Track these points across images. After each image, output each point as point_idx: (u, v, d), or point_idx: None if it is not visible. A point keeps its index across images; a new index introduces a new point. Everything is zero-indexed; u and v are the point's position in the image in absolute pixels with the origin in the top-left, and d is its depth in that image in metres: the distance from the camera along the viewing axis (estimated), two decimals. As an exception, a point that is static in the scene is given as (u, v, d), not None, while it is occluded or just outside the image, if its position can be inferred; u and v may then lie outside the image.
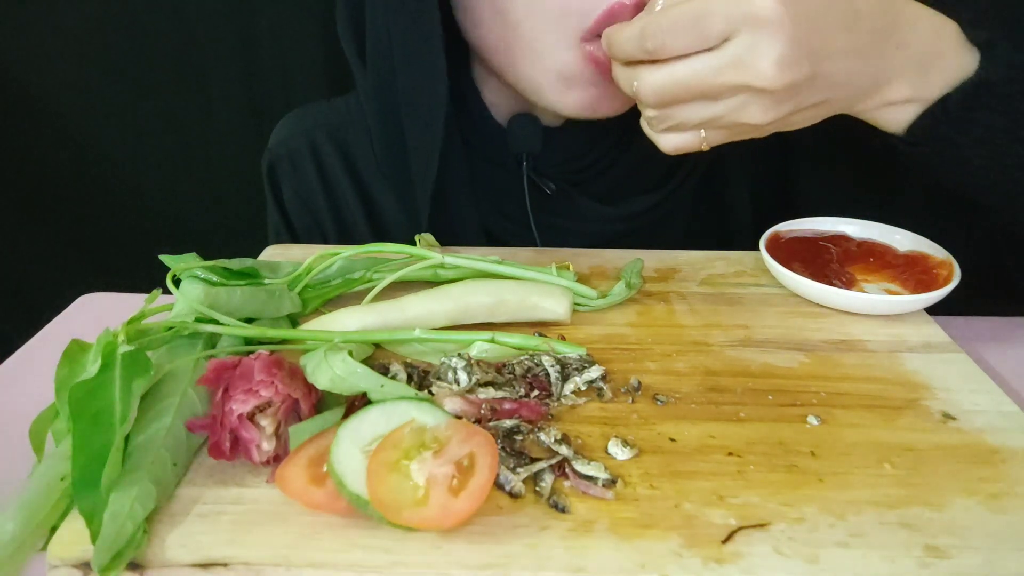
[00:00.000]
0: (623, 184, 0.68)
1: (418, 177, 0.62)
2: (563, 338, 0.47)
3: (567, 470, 0.36)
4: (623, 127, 0.60)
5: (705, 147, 0.46)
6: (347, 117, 0.71)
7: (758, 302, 0.53)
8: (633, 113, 0.48)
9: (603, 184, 0.67)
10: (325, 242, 0.71)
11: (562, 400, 0.41)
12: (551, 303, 0.48)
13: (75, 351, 0.38)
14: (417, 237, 0.55)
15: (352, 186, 0.70)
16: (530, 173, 0.64)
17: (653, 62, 0.43)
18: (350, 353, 0.40)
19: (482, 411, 0.38)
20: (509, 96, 0.64)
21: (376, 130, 0.65)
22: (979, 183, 0.51)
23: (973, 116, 0.46)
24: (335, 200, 0.71)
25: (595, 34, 0.51)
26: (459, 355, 0.42)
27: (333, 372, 0.38)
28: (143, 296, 0.43)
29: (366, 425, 0.35)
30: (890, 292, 0.51)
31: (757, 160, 0.70)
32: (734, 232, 0.71)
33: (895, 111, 0.48)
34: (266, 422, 0.35)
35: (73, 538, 0.32)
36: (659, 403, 0.41)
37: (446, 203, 0.63)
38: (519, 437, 0.38)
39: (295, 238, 0.72)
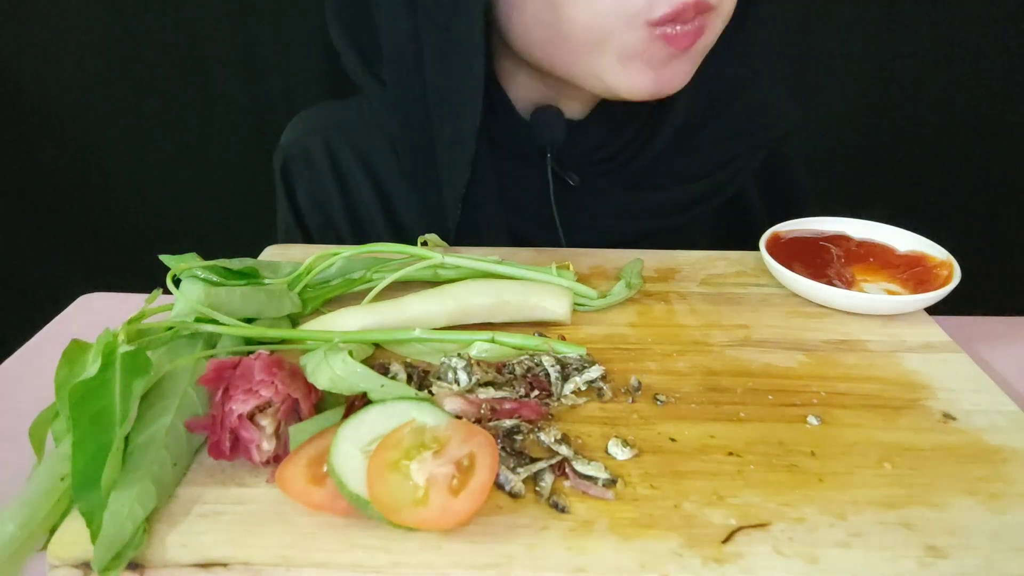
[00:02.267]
0: (646, 177, 0.67)
1: (448, 180, 0.61)
2: (563, 338, 0.47)
3: (567, 470, 0.36)
4: (644, 118, 0.59)
5: None
6: (360, 119, 0.70)
7: (758, 302, 0.53)
8: (654, 103, 0.47)
9: (626, 177, 0.67)
10: (340, 242, 0.70)
11: (562, 400, 0.41)
12: (551, 303, 0.48)
13: (75, 351, 0.38)
14: (421, 238, 0.55)
15: (370, 185, 0.69)
16: (553, 166, 0.64)
17: None
18: (350, 353, 0.40)
19: (482, 411, 0.38)
20: (535, 89, 0.63)
21: (401, 138, 0.64)
22: None
23: None
24: (351, 199, 0.69)
25: (661, 24, 0.50)
26: (459, 355, 0.42)
27: (333, 372, 0.38)
28: (143, 296, 0.43)
29: (366, 425, 0.35)
30: (890, 292, 0.51)
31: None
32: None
33: None
34: (266, 422, 0.35)
35: (73, 538, 0.32)
36: (659, 403, 0.41)
37: (472, 203, 0.62)
38: (519, 437, 0.38)
39: (308, 238, 0.71)
